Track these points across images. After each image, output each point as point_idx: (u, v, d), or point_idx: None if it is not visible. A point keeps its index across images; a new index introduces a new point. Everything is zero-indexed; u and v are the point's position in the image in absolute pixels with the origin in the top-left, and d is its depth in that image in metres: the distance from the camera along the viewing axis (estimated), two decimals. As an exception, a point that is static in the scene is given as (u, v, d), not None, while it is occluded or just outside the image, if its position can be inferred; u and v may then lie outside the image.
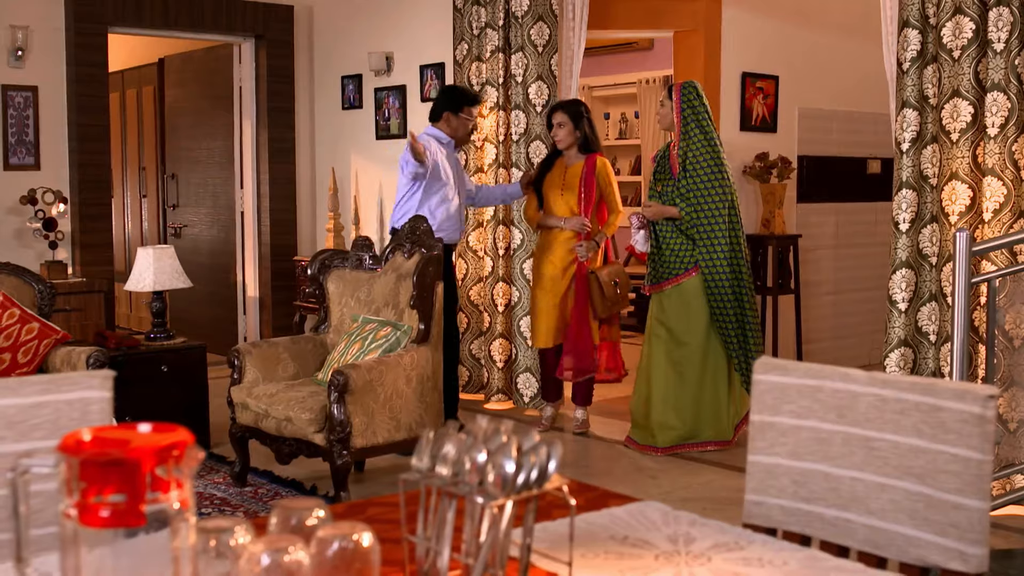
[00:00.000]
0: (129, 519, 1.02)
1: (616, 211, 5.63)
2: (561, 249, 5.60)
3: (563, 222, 5.54)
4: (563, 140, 5.57)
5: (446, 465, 1.29)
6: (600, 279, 5.47)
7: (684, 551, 1.55)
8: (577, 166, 5.59)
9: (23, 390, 1.66)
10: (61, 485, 1.04)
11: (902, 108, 4.63)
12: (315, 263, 5.18)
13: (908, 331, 4.68)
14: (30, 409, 1.66)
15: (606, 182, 5.60)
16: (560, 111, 5.59)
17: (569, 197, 5.58)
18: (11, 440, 1.64)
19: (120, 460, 1.00)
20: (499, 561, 1.22)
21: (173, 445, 1.03)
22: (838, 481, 1.75)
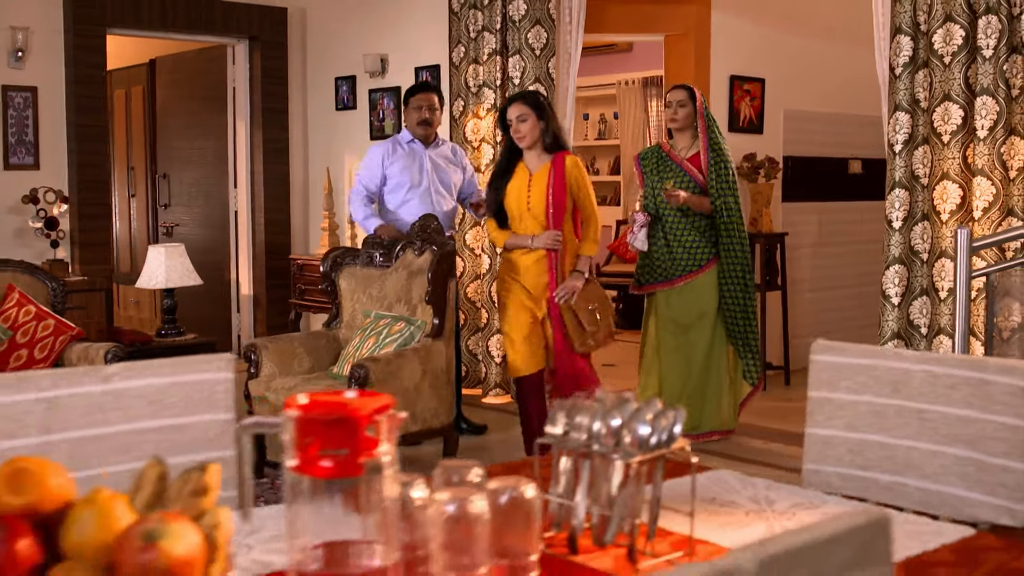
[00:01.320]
0: (349, 470, 1.18)
1: (593, 219, 4.82)
2: (532, 273, 4.76)
3: (531, 240, 4.73)
4: (526, 137, 4.72)
5: (579, 431, 1.46)
6: (575, 310, 4.73)
7: (768, 509, 1.73)
8: (543, 169, 4.74)
9: (159, 372, 1.81)
10: (287, 442, 1.21)
11: (895, 111, 4.86)
12: (327, 260, 5.33)
13: (901, 324, 4.90)
14: (165, 389, 1.81)
15: (579, 184, 4.77)
16: (519, 103, 4.77)
17: (536, 208, 4.72)
18: (148, 417, 1.80)
19: (344, 419, 1.17)
20: (634, 512, 1.40)
21: (382, 407, 1.20)
22: (893, 449, 1.95)
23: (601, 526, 1.47)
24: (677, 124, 5.47)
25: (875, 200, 7.86)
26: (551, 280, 4.74)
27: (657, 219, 5.46)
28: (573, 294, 4.72)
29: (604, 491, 1.45)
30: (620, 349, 8.66)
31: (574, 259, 4.80)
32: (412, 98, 5.58)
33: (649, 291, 5.65)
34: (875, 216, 8.01)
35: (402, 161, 5.50)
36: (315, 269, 7.56)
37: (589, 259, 4.83)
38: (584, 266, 4.80)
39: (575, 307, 4.70)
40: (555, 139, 4.78)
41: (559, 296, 4.71)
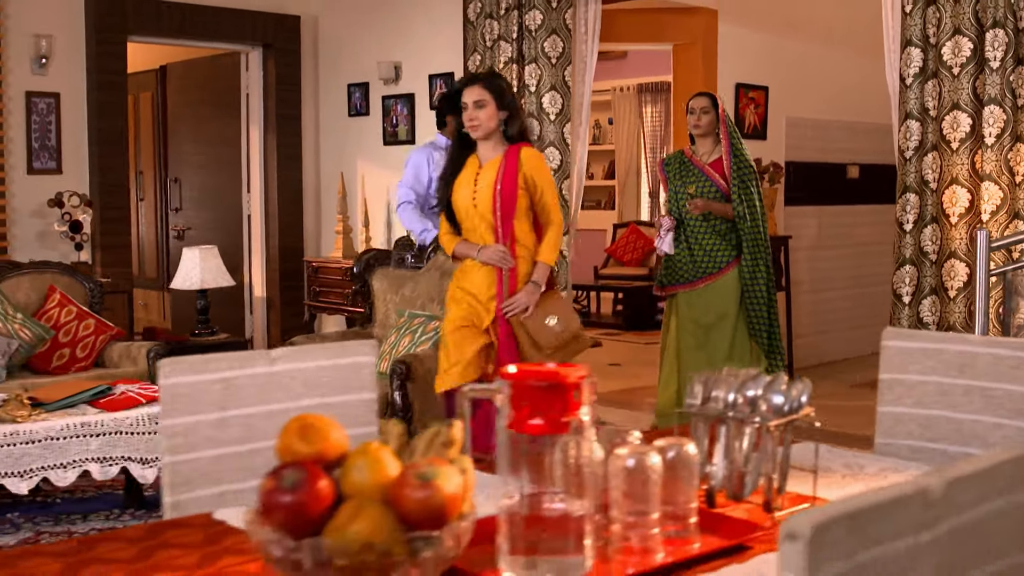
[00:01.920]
0: (557, 428, 1.40)
1: (554, 223, 4.13)
2: (480, 282, 4.10)
3: (476, 253, 4.07)
4: (482, 125, 4.02)
5: (716, 402, 1.69)
6: (528, 328, 4.03)
7: (861, 473, 1.97)
8: (494, 161, 4.04)
9: (316, 356, 2.02)
10: (503, 404, 1.42)
11: (905, 119, 5.12)
12: (360, 262, 5.53)
13: (911, 322, 5.16)
14: (321, 371, 2.03)
15: (536, 180, 4.05)
16: (478, 85, 4.06)
17: (483, 205, 4.04)
18: (306, 396, 2.01)
19: (555, 385, 1.39)
20: (769, 471, 1.63)
21: (583, 376, 1.42)
22: (959, 423, 2.19)
23: (738, 483, 1.69)
24: (700, 130, 5.64)
25: (872, 204, 8.16)
26: (499, 292, 4.05)
27: (680, 223, 5.66)
28: (526, 309, 4.01)
29: (739, 453, 1.68)
30: (627, 349, 8.91)
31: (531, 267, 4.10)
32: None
33: (671, 292, 5.84)
34: (872, 219, 8.32)
35: None
36: (330, 272, 7.77)
37: (547, 268, 4.10)
38: (541, 276, 4.07)
39: (527, 323, 3.99)
40: (520, 134, 4.08)
41: (506, 309, 4.02)
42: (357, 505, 1.24)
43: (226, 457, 1.92)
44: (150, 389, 4.50)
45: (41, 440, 4.05)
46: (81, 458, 4.14)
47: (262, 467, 1.88)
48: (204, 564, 1.53)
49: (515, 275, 4.05)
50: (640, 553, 1.52)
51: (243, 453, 1.94)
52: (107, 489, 4.94)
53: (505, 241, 4.05)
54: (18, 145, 7.14)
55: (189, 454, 1.90)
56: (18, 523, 4.49)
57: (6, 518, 4.54)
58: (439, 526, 1.25)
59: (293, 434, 1.32)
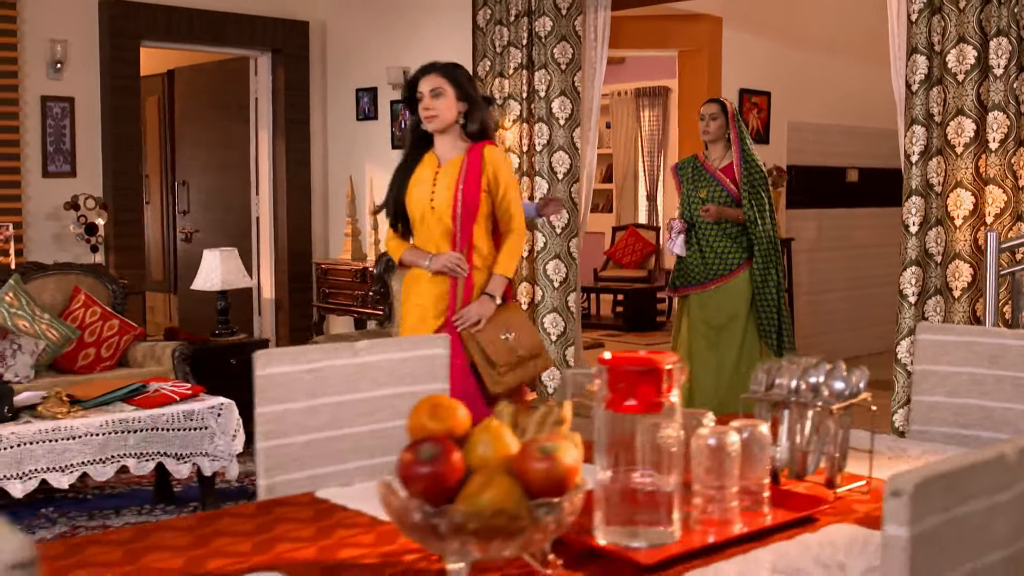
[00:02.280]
0: (651, 408, 1.54)
1: (515, 230, 3.77)
2: (431, 292, 3.74)
3: (426, 261, 3.70)
4: (440, 116, 3.64)
5: (780, 388, 1.83)
6: (480, 342, 3.65)
7: (904, 455, 2.11)
8: (455, 160, 3.69)
9: (395, 348, 2.16)
10: (600, 387, 1.56)
11: (911, 125, 5.28)
12: (380, 263, 5.67)
13: (917, 321, 5.32)
14: (399, 363, 2.17)
15: (499, 182, 3.71)
16: (436, 74, 3.67)
17: (441, 208, 3.68)
18: (387, 385, 2.15)
19: (651, 369, 1.53)
20: (832, 451, 1.77)
21: (673, 361, 1.56)
22: (991, 411, 2.34)
23: (800, 463, 1.84)
24: (709, 136, 5.81)
25: (870, 207, 8.34)
26: (451, 304, 3.70)
27: (692, 226, 5.82)
28: (478, 323, 3.65)
29: (802, 435, 1.82)
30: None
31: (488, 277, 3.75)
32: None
33: (683, 294, 6.00)
34: (870, 223, 8.50)
35: None
36: (340, 273, 7.89)
37: (505, 280, 3.74)
38: (496, 287, 3.71)
39: (480, 337, 3.63)
40: (482, 131, 3.72)
41: (457, 321, 3.67)
42: (487, 476, 1.38)
43: (315, 442, 2.05)
44: (182, 387, 4.62)
45: (81, 436, 4.17)
46: (119, 454, 4.26)
47: (348, 452, 2.02)
48: (320, 536, 1.66)
49: (470, 286, 3.69)
50: (720, 524, 1.66)
51: (331, 438, 2.08)
52: (135, 485, 5.06)
53: (462, 248, 3.67)
54: (34, 149, 7.24)
55: (281, 440, 2.03)
56: (53, 518, 4.60)
57: (40, 513, 4.66)
58: (559, 494, 1.39)
59: (424, 413, 1.46)
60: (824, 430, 1.80)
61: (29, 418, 4.18)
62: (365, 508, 1.79)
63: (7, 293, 5.47)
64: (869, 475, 1.88)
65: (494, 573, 1.47)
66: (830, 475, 1.82)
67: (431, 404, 1.47)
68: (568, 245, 6.89)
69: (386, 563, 1.53)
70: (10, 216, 6.97)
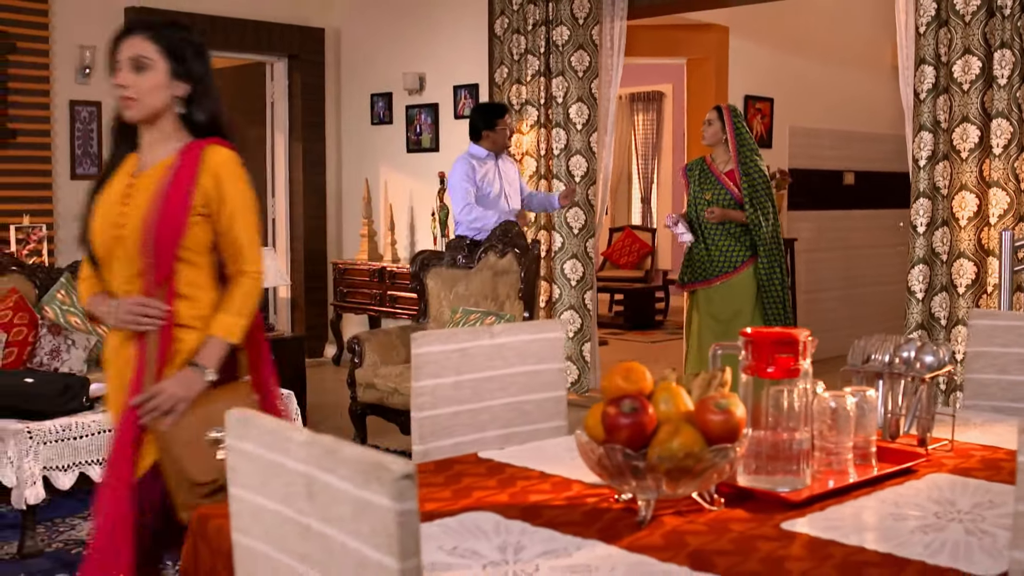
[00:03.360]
0: (789, 374, 1.85)
1: (248, 271, 2.57)
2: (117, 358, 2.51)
3: (106, 310, 2.48)
4: (141, 101, 2.47)
5: (876, 361, 2.14)
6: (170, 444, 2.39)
7: (969, 423, 2.43)
8: (160, 165, 2.50)
9: (525, 331, 2.45)
10: (745, 357, 1.86)
11: (919, 131, 5.63)
12: (416, 262, 5.95)
13: (924, 317, 5.67)
14: (527, 343, 2.46)
15: (225, 203, 2.50)
16: (139, 36, 2.50)
17: (131, 236, 2.45)
18: (517, 364, 2.44)
19: (790, 340, 1.84)
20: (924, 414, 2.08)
21: (807, 333, 1.87)
22: (1038, 386, 2.66)
23: (894, 426, 2.15)
24: (706, 140, 6.13)
25: (866, 209, 8.70)
26: (134, 380, 2.42)
27: (698, 225, 6.13)
28: (169, 411, 2.37)
29: (895, 401, 2.13)
30: (633, 347, 9.37)
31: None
32: (502, 119, 6.22)
33: (691, 289, 6.32)
34: (866, 224, 8.88)
35: (490, 171, 6.17)
36: (356, 273, 8.16)
37: (225, 346, 2.48)
38: (209, 358, 2.44)
39: (170, 436, 2.37)
40: (211, 123, 2.57)
41: (138, 407, 2.39)
42: (674, 426, 1.68)
43: (461, 414, 2.34)
44: (242, 378, 4.88)
45: (155, 423, 4.42)
46: (190, 440, 4.51)
47: (487, 422, 2.32)
48: (505, 486, 1.96)
49: (167, 352, 2.41)
50: (837, 474, 1.97)
51: (473, 411, 2.37)
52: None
53: (154, 291, 2.42)
54: (63, 152, 7.47)
55: (432, 411, 2.32)
56: (118, 503, 4.84)
57: (104, 499, 4.90)
58: (732, 441, 1.69)
59: (618, 375, 1.76)
60: (916, 397, 2.11)
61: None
62: (530, 464, 2.09)
63: (59, 291, 5.71)
64: (952, 437, 2.20)
65: (671, 509, 1.77)
66: (921, 435, 2.13)
67: (624, 368, 1.77)
68: (585, 245, 7.20)
69: (572, 505, 1.83)
70: (42, 217, 7.20)
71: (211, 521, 1.79)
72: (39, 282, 5.75)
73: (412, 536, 1.21)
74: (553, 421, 2.49)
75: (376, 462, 1.22)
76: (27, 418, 4.15)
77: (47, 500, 4.31)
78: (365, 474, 1.23)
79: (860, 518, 1.79)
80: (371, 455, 1.24)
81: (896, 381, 2.14)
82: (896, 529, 1.71)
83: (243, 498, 1.50)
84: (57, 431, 4.13)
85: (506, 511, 1.80)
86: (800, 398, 1.87)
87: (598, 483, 1.91)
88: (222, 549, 1.72)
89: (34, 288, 5.72)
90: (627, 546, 1.62)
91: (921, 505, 1.82)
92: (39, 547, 4.14)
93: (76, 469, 4.19)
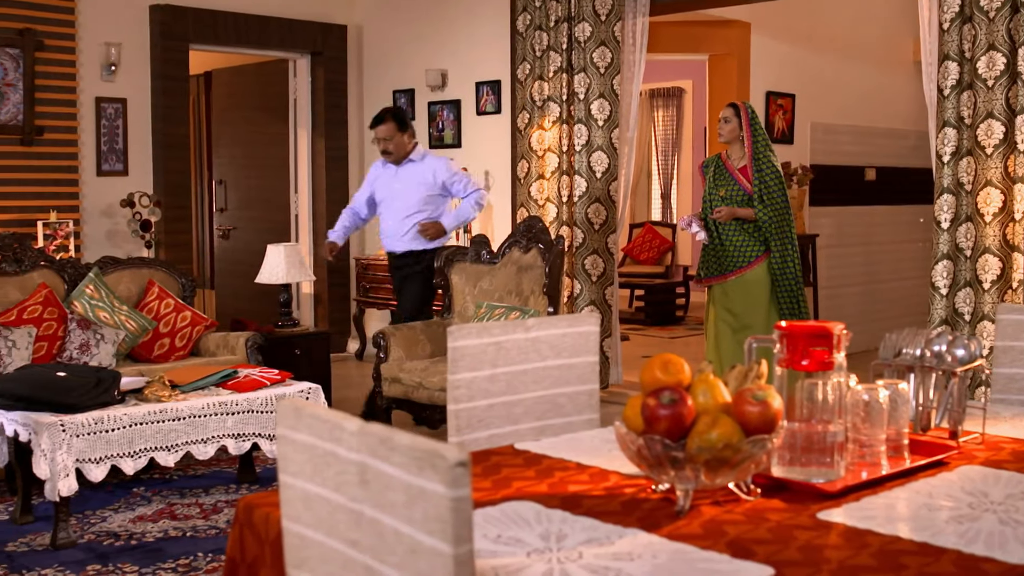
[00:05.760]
0: (823, 366, 1.88)
1: None
2: None
3: None
4: None
5: (908, 355, 2.17)
6: None
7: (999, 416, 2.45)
8: None
9: (558, 325, 2.49)
10: (779, 350, 1.89)
11: (943, 127, 5.63)
12: (440, 257, 5.99)
13: (948, 312, 5.67)
14: (560, 337, 2.49)
15: None
16: None
17: None
18: (552, 357, 2.47)
19: (824, 334, 1.87)
20: (955, 407, 2.11)
21: (842, 327, 1.90)
22: (1066, 380, 2.68)
23: (925, 419, 2.17)
24: (722, 138, 6.16)
25: (887, 205, 8.70)
26: None
27: (712, 221, 6.14)
28: None
29: (926, 395, 2.16)
30: (654, 342, 9.40)
31: None
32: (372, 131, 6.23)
33: (708, 284, 6.35)
34: (887, 220, 8.87)
35: (380, 179, 6.29)
36: (379, 268, 8.21)
37: None
38: None
39: None
40: None
41: None
42: (712, 417, 1.71)
43: (496, 406, 2.38)
44: (270, 373, 4.94)
45: (185, 418, 4.48)
46: (219, 434, 4.57)
47: (521, 414, 2.35)
48: (543, 477, 1.99)
49: None
50: (871, 465, 2.00)
51: (508, 403, 2.40)
52: (214, 467, 5.37)
53: None
54: (89, 149, 7.54)
55: (468, 403, 2.35)
56: (148, 496, 4.91)
57: (133, 492, 4.96)
58: (769, 432, 1.72)
59: (656, 368, 1.79)
60: (947, 390, 2.14)
61: (136, 401, 4.49)
62: (566, 456, 2.12)
63: (88, 286, 5.77)
64: (983, 430, 2.22)
65: (708, 499, 1.81)
66: (953, 428, 2.16)
67: (662, 361, 1.80)
68: (606, 241, 7.22)
69: (611, 494, 1.86)
70: (69, 213, 7.27)
71: (257, 510, 1.83)
72: (68, 277, 5.82)
73: (465, 522, 1.24)
74: (586, 414, 2.53)
75: (431, 450, 1.26)
76: (60, 411, 4.22)
77: (79, 492, 4.37)
78: (419, 461, 1.27)
79: (894, 508, 1.82)
80: (425, 443, 1.27)
81: (927, 374, 2.17)
82: (930, 519, 1.74)
83: (293, 486, 1.54)
84: (89, 424, 4.19)
85: (546, 501, 1.83)
86: (834, 391, 1.90)
87: (635, 473, 1.95)
88: (269, 537, 1.76)
89: (63, 283, 5.79)
90: (667, 535, 1.65)
91: (954, 496, 1.85)
92: (72, 538, 4.20)
93: (108, 462, 4.25)
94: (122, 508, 4.71)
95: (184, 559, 4.04)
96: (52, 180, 7.20)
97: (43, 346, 5.42)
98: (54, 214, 7.05)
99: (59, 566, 3.97)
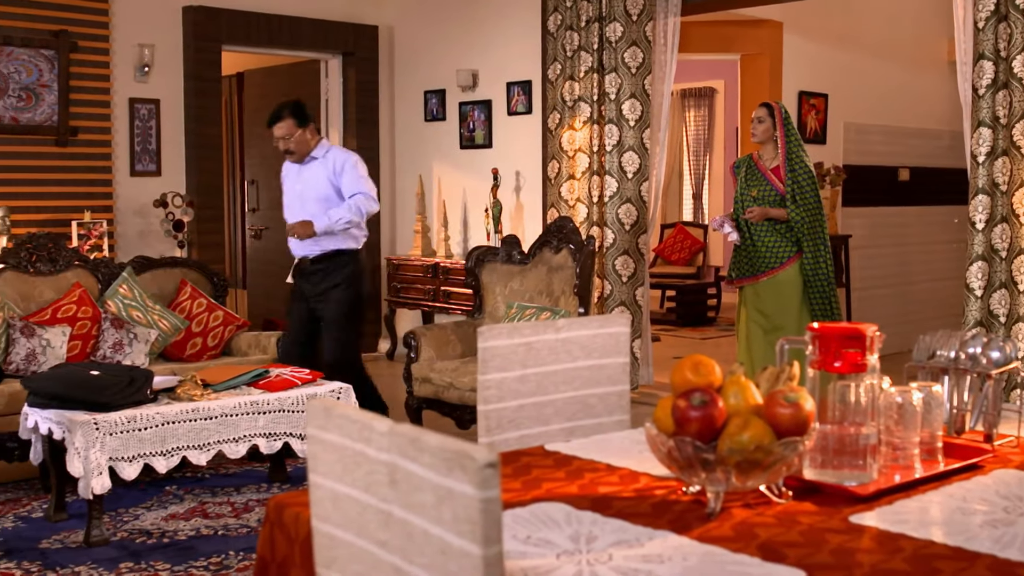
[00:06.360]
0: (856, 368, 1.86)
1: None
2: None
3: None
4: None
5: (942, 357, 2.15)
6: None
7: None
8: None
9: (588, 326, 2.48)
10: (812, 351, 1.88)
11: (978, 127, 5.57)
12: (471, 258, 6.00)
13: (983, 314, 5.61)
14: (591, 338, 2.49)
15: None
16: None
17: None
18: (581, 358, 2.47)
19: (856, 335, 1.85)
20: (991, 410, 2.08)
21: (875, 329, 1.88)
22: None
23: (960, 421, 2.15)
24: (756, 138, 6.12)
25: (920, 205, 8.62)
26: None
27: (744, 222, 6.11)
28: None
29: (960, 397, 2.13)
30: (685, 343, 9.36)
31: None
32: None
33: (739, 284, 6.32)
34: (920, 220, 8.79)
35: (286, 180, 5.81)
36: (410, 269, 8.23)
37: None
38: None
39: None
40: None
41: None
42: (744, 419, 1.70)
43: (526, 407, 2.38)
44: (301, 372, 4.96)
45: (217, 417, 4.51)
46: (251, 433, 4.60)
47: (551, 415, 2.35)
48: (573, 478, 1.99)
49: None
50: (904, 468, 1.98)
51: (538, 404, 2.40)
52: (246, 467, 5.40)
53: None
54: (123, 149, 7.60)
55: (498, 404, 2.35)
56: (180, 495, 4.95)
57: (166, 490, 5.00)
58: (800, 434, 1.71)
59: (687, 369, 1.78)
60: (982, 393, 2.11)
61: (168, 400, 4.52)
62: (596, 457, 2.12)
63: (121, 285, 5.82)
64: (1018, 433, 2.20)
65: (739, 502, 1.80)
66: (988, 431, 2.14)
67: (693, 362, 1.79)
68: (636, 242, 7.20)
69: (641, 496, 1.85)
70: (103, 213, 7.34)
71: (287, 509, 1.83)
72: (101, 276, 5.87)
73: (495, 524, 1.24)
74: (616, 415, 2.52)
75: (460, 451, 1.25)
76: (93, 410, 4.25)
77: (112, 490, 4.41)
78: (449, 462, 1.27)
79: (928, 512, 1.80)
80: (455, 444, 1.27)
81: (962, 377, 2.14)
82: (965, 523, 1.72)
83: (323, 486, 1.54)
84: (122, 423, 4.22)
85: (576, 502, 1.83)
86: (867, 393, 1.88)
87: (665, 475, 1.94)
88: (299, 536, 1.77)
89: (97, 283, 5.84)
90: (698, 537, 1.65)
91: (989, 500, 1.83)
92: (105, 536, 4.23)
93: (140, 460, 4.28)
94: (154, 506, 4.75)
95: (215, 557, 4.07)
96: (86, 180, 7.27)
97: (77, 345, 5.47)
98: (88, 214, 7.12)
99: (92, 563, 4.00)
